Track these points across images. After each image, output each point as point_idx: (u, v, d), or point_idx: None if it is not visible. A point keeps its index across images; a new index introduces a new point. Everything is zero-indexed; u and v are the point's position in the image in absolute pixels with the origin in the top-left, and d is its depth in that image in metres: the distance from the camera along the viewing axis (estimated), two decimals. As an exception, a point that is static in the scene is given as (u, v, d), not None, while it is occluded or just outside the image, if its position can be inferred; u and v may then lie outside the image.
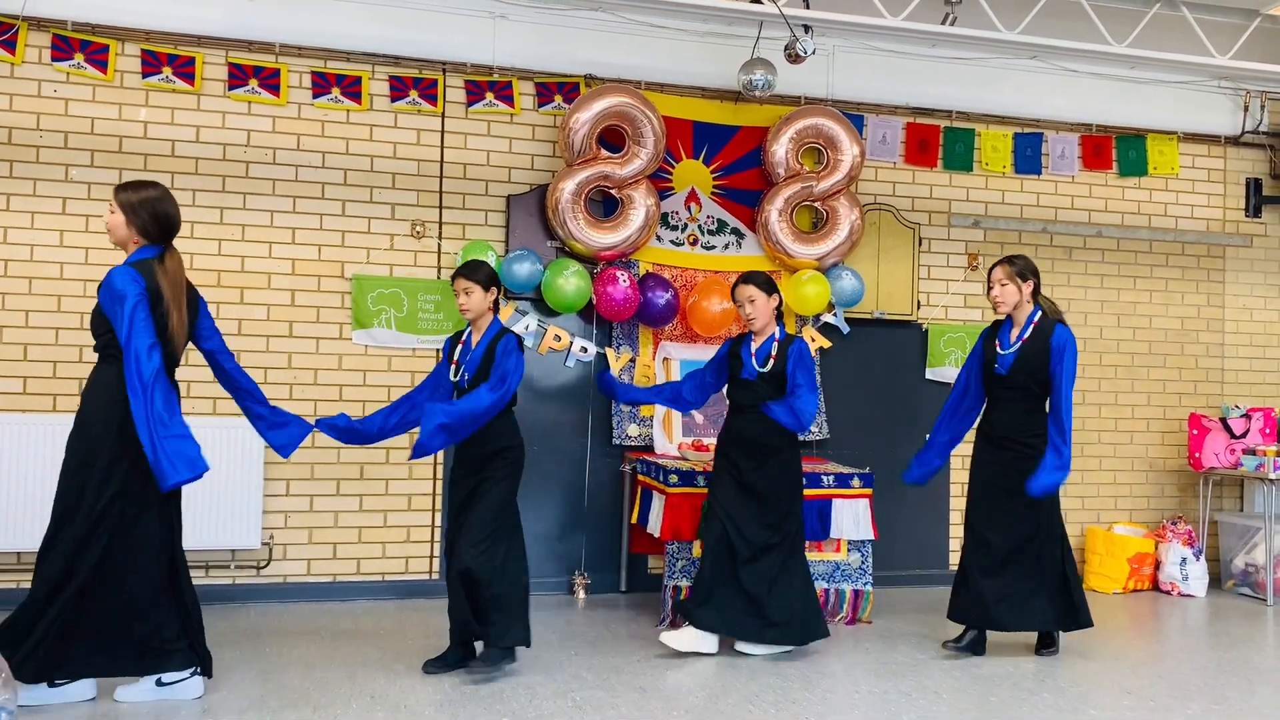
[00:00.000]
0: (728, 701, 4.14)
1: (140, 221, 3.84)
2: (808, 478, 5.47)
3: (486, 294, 4.49)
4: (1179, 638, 5.65)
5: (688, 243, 6.29)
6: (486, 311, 4.51)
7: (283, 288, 5.74)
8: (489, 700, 4.07)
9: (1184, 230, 7.17)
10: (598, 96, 5.83)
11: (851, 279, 6.32)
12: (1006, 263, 4.98)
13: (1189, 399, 7.16)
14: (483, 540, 4.31)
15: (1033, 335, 4.88)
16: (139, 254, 3.85)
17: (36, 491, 5.06)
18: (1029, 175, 6.91)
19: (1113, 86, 6.96)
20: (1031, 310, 4.94)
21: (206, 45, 5.66)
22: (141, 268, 3.78)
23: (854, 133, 6.24)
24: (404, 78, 5.90)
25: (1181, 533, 6.64)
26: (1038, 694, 4.36)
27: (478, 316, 4.51)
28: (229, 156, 5.69)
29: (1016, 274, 4.92)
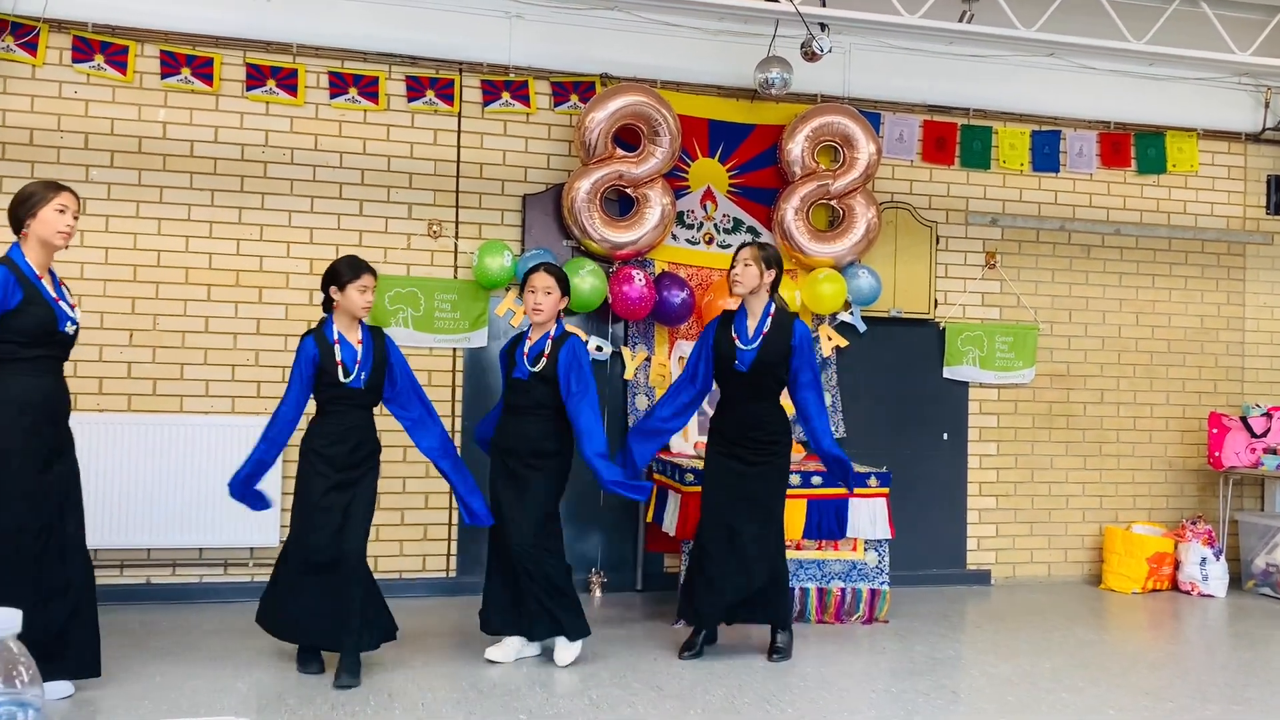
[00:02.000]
0: (744, 700, 4.13)
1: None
2: (824, 476, 5.47)
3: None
4: (1199, 638, 5.61)
5: (703, 241, 6.29)
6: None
7: (301, 287, 5.77)
8: (505, 698, 4.08)
9: (1203, 228, 7.12)
10: (613, 95, 5.84)
11: (868, 277, 6.30)
12: (756, 246, 4.74)
13: (1209, 397, 7.11)
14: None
15: (772, 329, 4.63)
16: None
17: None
18: (1047, 173, 6.88)
19: (1131, 83, 6.91)
20: (767, 303, 4.69)
21: (224, 46, 5.69)
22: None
23: (870, 131, 6.22)
24: (421, 78, 5.92)
25: (1201, 532, 6.59)
26: (1055, 694, 4.34)
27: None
28: (247, 157, 5.72)
29: (764, 259, 4.65)
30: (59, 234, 3.84)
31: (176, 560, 5.57)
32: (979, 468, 6.73)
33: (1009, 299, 6.82)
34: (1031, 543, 6.82)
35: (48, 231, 3.82)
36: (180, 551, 5.55)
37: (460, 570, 5.93)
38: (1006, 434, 6.80)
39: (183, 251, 5.62)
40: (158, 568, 5.56)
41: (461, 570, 5.92)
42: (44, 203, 3.81)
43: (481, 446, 4.88)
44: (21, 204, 3.82)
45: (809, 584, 5.49)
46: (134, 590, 5.48)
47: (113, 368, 5.52)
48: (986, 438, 6.73)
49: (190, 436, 5.47)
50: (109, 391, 5.52)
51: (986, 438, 6.73)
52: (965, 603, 6.18)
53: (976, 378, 6.69)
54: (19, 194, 3.87)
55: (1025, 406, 6.83)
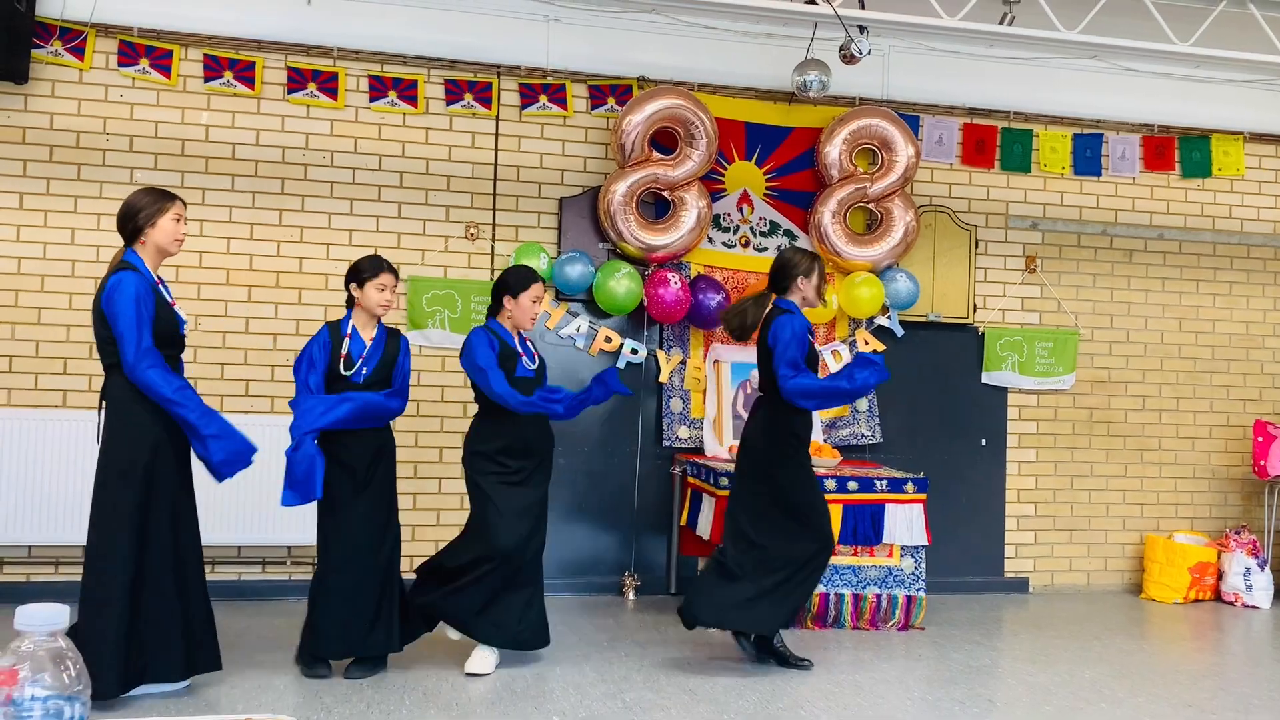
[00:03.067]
0: (778, 705, 4.12)
1: None
2: (861, 482, 5.44)
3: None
4: (1242, 650, 5.51)
5: (739, 244, 6.28)
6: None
7: (340, 289, 5.79)
8: (539, 699, 4.09)
9: (1249, 233, 7.00)
10: (650, 98, 5.84)
11: (906, 281, 6.26)
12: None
13: (1254, 405, 6.99)
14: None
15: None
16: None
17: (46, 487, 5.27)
18: (1089, 177, 6.79)
19: (1176, 86, 6.81)
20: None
21: (266, 50, 5.76)
22: None
23: (909, 133, 6.18)
24: (459, 81, 5.96)
25: (1245, 542, 6.48)
26: (1094, 704, 4.28)
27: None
28: (288, 159, 5.78)
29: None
30: (176, 242, 3.97)
31: (216, 558, 5.63)
32: (1018, 474, 6.66)
33: (1049, 304, 6.75)
34: (1071, 550, 6.73)
35: (166, 240, 3.94)
36: (219, 549, 5.60)
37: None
38: (1046, 440, 6.72)
39: (224, 253, 5.69)
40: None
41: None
42: (162, 213, 3.91)
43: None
44: (140, 213, 3.90)
45: (844, 590, 5.46)
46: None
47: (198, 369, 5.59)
48: (1025, 444, 6.65)
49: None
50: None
51: (1025, 444, 6.65)
52: (1002, 610, 6.11)
53: (1016, 383, 6.62)
54: (133, 204, 3.93)
55: (1065, 413, 6.74)
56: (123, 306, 3.75)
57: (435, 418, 5.90)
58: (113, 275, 3.82)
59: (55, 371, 5.50)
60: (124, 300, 3.75)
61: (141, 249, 3.91)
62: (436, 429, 5.90)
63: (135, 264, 3.87)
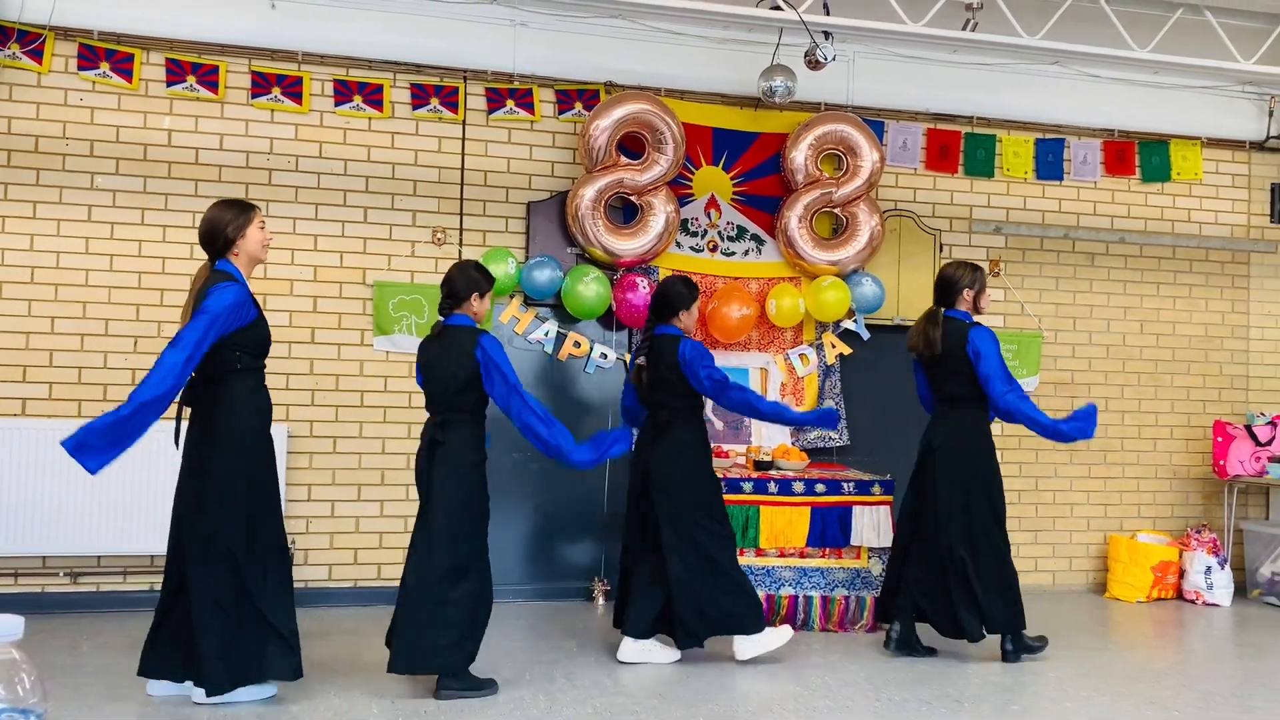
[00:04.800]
0: (748, 709, 4.12)
1: None
2: (828, 484, 5.47)
3: None
4: (1204, 647, 5.59)
5: (707, 249, 6.30)
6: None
7: (305, 294, 5.78)
8: (509, 707, 4.07)
9: (1208, 236, 7.11)
10: (618, 103, 5.85)
11: (872, 285, 6.30)
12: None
13: (1213, 406, 7.10)
14: None
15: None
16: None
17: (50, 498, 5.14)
18: (1051, 181, 6.88)
19: (1135, 91, 6.92)
20: None
21: (230, 54, 5.71)
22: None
23: (874, 139, 6.23)
24: (425, 85, 5.94)
25: (1206, 541, 6.57)
26: (1060, 703, 4.33)
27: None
28: (252, 164, 5.73)
29: None
30: (265, 248, 4.09)
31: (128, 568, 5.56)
32: (983, 476, 6.70)
33: (1013, 307, 6.82)
34: (1036, 551, 6.80)
35: (256, 248, 4.03)
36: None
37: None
38: (1010, 442, 6.78)
39: (187, 259, 5.63)
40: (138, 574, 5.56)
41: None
42: (249, 223, 4.00)
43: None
44: (228, 225, 3.96)
45: (813, 592, 5.49)
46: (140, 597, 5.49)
47: (120, 374, 5.53)
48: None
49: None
50: (113, 399, 5.52)
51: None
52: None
53: (980, 386, 6.67)
54: (219, 218, 3.97)
55: (1029, 414, 6.81)
56: (216, 307, 3.77)
57: (403, 424, 5.87)
58: (216, 285, 3.84)
59: (14, 380, 5.42)
60: (220, 305, 3.78)
61: (235, 260, 3.99)
62: (404, 435, 5.87)
63: (234, 274, 3.94)
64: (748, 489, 5.40)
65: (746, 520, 5.37)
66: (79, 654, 4.66)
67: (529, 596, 5.99)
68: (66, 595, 5.41)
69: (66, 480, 5.22)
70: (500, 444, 5.97)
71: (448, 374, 4.20)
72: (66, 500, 5.27)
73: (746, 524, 5.37)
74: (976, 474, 4.86)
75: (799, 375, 6.34)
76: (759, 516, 5.39)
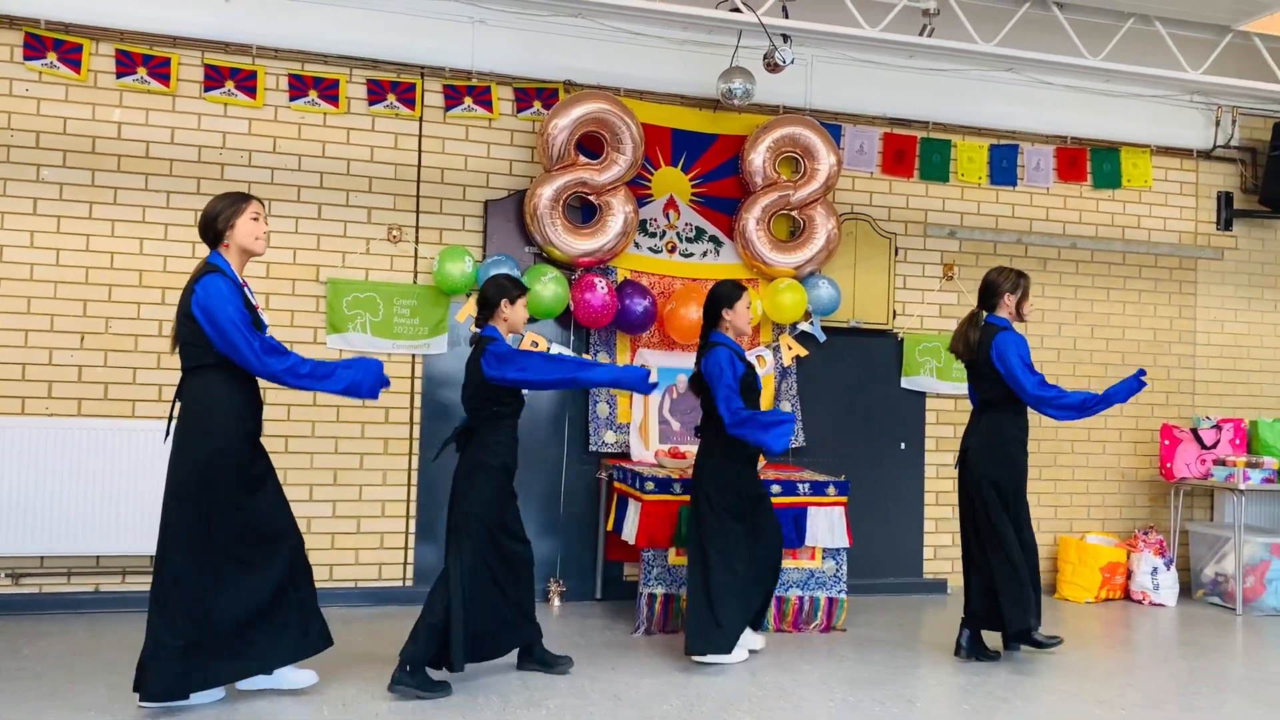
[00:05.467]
0: (703, 709, 4.13)
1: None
2: (784, 485, 5.49)
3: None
4: (1150, 647, 5.68)
5: (666, 250, 6.30)
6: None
7: (257, 290, 5.66)
8: (463, 709, 4.04)
9: (1157, 243, 7.24)
10: (577, 102, 5.83)
11: (828, 288, 6.34)
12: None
13: (1161, 410, 7.22)
14: None
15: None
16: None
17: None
18: (1004, 186, 6.96)
19: (1087, 99, 7.02)
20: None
21: (182, 46, 5.61)
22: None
23: (831, 142, 6.27)
24: (382, 81, 5.88)
25: (1153, 542, 6.68)
26: (1010, 702, 4.38)
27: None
28: (204, 159, 5.64)
29: None
30: (258, 241, 3.98)
31: (126, 568, 5.47)
32: (936, 477, 6.78)
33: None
34: (987, 552, 6.87)
35: (247, 240, 3.95)
36: (133, 559, 5.44)
37: (418, 579, 5.87)
38: (963, 444, 6.85)
39: (137, 254, 5.53)
40: (107, 575, 5.45)
41: (419, 579, 5.87)
42: (239, 214, 3.93)
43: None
44: (218, 217, 3.92)
45: (768, 593, 5.50)
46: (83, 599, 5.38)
47: (63, 371, 5.42)
48: (943, 447, 6.78)
49: (144, 441, 5.37)
50: (59, 395, 5.41)
51: (943, 447, 6.78)
52: (922, 611, 6.22)
53: (934, 388, 6.75)
54: (210, 210, 3.94)
55: (982, 417, 6.88)
56: (220, 308, 3.75)
57: (356, 423, 5.81)
58: (202, 277, 3.81)
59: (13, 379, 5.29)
60: (219, 301, 3.75)
61: (226, 252, 3.94)
62: (357, 435, 5.81)
63: (221, 266, 3.88)
64: (704, 490, 5.40)
65: (702, 521, 5.37)
66: (20, 658, 4.56)
67: (483, 597, 5.95)
68: (6, 597, 5.29)
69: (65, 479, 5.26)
70: (456, 444, 5.94)
71: (467, 382, 4.38)
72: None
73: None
74: (998, 476, 4.93)
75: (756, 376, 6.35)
76: (715, 517, 5.38)
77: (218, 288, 3.78)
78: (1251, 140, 7.39)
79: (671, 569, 5.37)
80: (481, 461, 4.32)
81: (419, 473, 5.87)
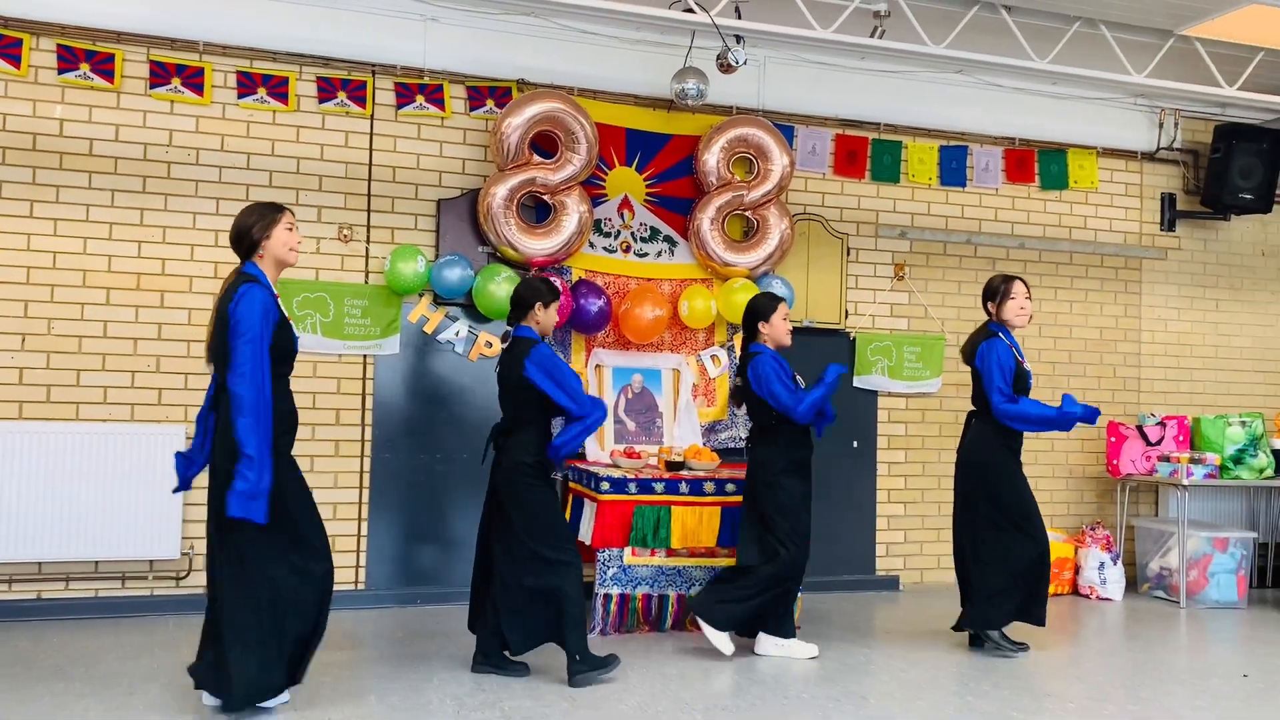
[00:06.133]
0: (658, 709, 4.13)
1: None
2: (739, 485, 5.50)
3: None
4: (1097, 640, 5.78)
5: (620, 250, 6.29)
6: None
7: (206, 291, 5.60)
8: (416, 712, 4.00)
9: (1103, 243, 7.36)
10: (530, 101, 5.80)
11: (781, 287, 6.37)
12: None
13: (1107, 407, 7.34)
14: None
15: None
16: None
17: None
18: (954, 187, 7.05)
19: (1035, 102, 7.13)
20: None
21: (126, 42, 5.51)
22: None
23: (784, 143, 6.30)
24: (332, 79, 5.81)
25: (1100, 538, 6.80)
26: (962, 697, 4.43)
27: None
28: (150, 156, 5.54)
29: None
30: (292, 251, 3.95)
31: (70, 574, 5.36)
32: (888, 474, 6.85)
33: (917, 310, 6.97)
34: (939, 549, 6.95)
35: (283, 251, 3.92)
36: (75, 565, 5.34)
37: (369, 583, 5.82)
38: (914, 442, 6.93)
39: (80, 254, 5.42)
40: (50, 582, 5.34)
41: (371, 582, 5.81)
42: (275, 224, 3.90)
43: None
44: (253, 227, 3.88)
45: (722, 592, 5.51)
46: (23, 606, 5.26)
47: (3, 374, 5.29)
48: (895, 445, 6.85)
49: (87, 445, 5.27)
50: (114, 401, 5.34)
51: (895, 445, 6.85)
52: (875, 608, 6.27)
53: (885, 386, 6.81)
54: (245, 219, 3.89)
55: (932, 415, 6.97)
56: (246, 318, 3.71)
57: (307, 425, 5.72)
58: (240, 286, 3.76)
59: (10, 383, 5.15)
60: (248, 312, 3.72)
61: (260, 262, 3.90)
62: (308, 436, 5.73)
63: (258, 276, 3.85)
64: (659, 489, 5.41)
65: (658, 520, 5.37)
66: (-40, 666, 4.45)
67: (435, 600, 5.90)
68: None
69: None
70: (407, 443, 5.89)
71: (507, 381, 4.47)
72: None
73: (658, 524, 5.37)
74: (985, 483, 5.13)
75: (710, 376, 6.38)
76: (670, 517, 5.40)
77: (255, 297, 3.74)
78: (1194, 143, 7.55)
79: (627, 569, 5.37)
80: (522, 463, 4.43)
81: (370, 475, 5.81)
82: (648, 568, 5.42)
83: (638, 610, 5.40)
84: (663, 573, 5.44)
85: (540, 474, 4.47)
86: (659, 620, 5.44)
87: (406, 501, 5.90)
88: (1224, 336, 7.70)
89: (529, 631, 4.44)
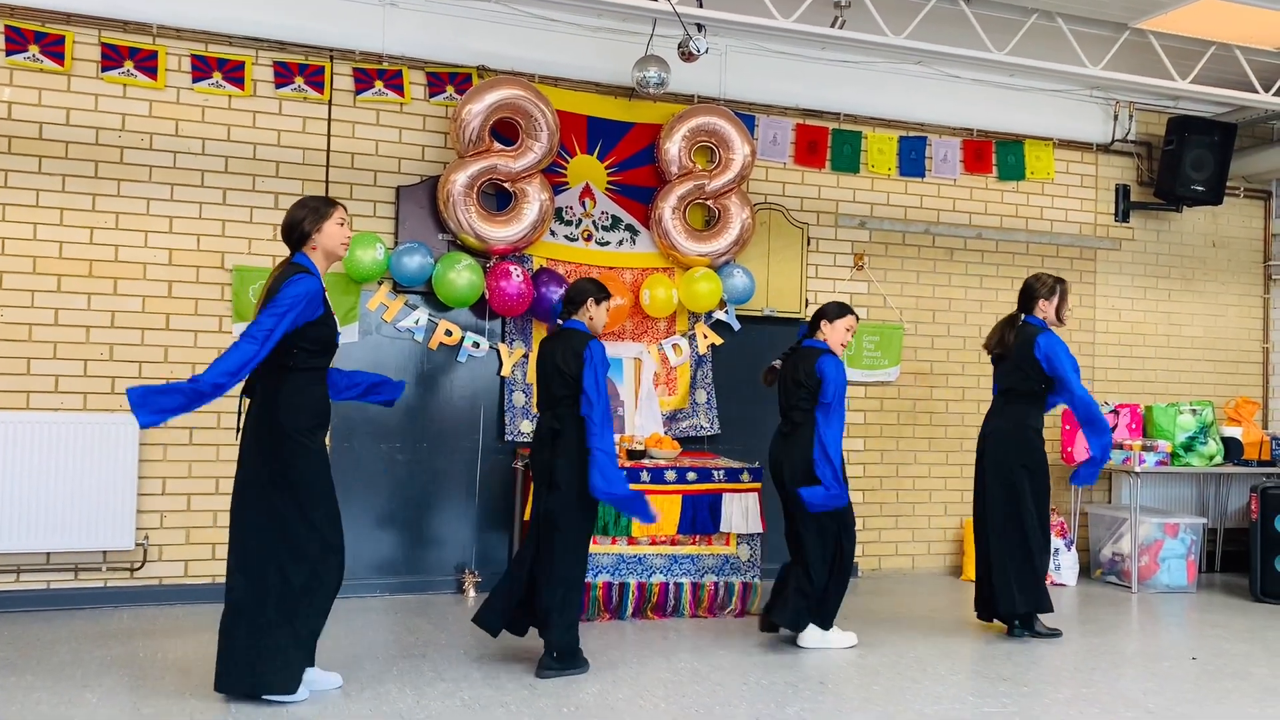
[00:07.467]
0: (619, 696, 4.14)
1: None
2: (699, 472, 5.53)
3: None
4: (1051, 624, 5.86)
5: (582, 238, 6.28)
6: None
7: (159, 279, 5.53)
8: (375, 702, 3.99)
9: (1058, 233, 7.46)
10: (490, 88, 5.77)
11: (743, 277, 6.39)
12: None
13: (1062, 395, 7.43)
14: None
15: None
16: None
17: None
18: (913, 178, 7.10)
19: (993, 93, 7.20)
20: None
21: (77, 24, 5.40)
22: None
23: (745, 132, 6.31)
24: (289, 64, 5.74)
25: (1055, 524, 6.90)
26: (920, 682, 4.48)
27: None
28: (102, 141, 5.45)
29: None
30: (343, 245, 4.01)
31: (21, 566, 5.27)
32: (847, 463, 6.88)
33: (876, 299, 7.02)
34: (896, 536, 7.03)
35: (334, 244, 3.98)
36: (27, 556, 5.25)
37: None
38: (873, 430, 6.99)
39: (30, 240, 5.32)
40: (1, 573, 5.25)
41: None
42: (327, 218, 3.96)
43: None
44: (306, 219, 3.95)
45: (683, 578, 5.54)
46: None
47: None
48: (854, 434, 6.91)
49: (37, 434, 5.18)
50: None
51: (854, 434, 6.91)
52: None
53: (846, 376, 6.85)
54: (298, 211, 3.96)
55: (891, 404, 7.04)
56: (292, 298, 3.75)
57: (265, 414, 5.67)
58: (292, 275, 3.82)
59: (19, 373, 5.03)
60: (292, 298, 3.75)
61: (312, 254, 3.96)
62: (266, 425, 5.67)
63: (309, 267, 3.91)
64: (620, 478, 5.41)
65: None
66: (-93, 660, 4.37)
67: (395, 590, 5.88)
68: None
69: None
70: (367, 432, 5.85)
71: (564, 371, 4.46)
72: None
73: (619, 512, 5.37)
74: (1022, 460, 5.24)
75: (672, 365, 6.39)
76: (631, 505, 5.40)
77: (309, 284, 3.80)
78: (1148, 135, 7.66)
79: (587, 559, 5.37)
80: (581, 445, 4.43)
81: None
82: (609, 556, 5.43)
83: (598, 598, 5.41)
84: (624, 561, 5.45)
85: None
86: (619, 608, 5.46)
87: (367, 491, 5.86)
88: (1175, 326, 7.83)
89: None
